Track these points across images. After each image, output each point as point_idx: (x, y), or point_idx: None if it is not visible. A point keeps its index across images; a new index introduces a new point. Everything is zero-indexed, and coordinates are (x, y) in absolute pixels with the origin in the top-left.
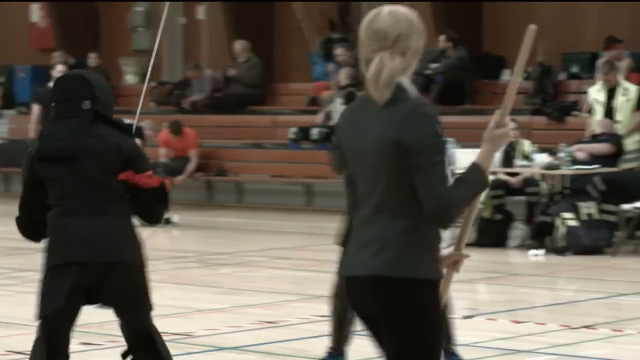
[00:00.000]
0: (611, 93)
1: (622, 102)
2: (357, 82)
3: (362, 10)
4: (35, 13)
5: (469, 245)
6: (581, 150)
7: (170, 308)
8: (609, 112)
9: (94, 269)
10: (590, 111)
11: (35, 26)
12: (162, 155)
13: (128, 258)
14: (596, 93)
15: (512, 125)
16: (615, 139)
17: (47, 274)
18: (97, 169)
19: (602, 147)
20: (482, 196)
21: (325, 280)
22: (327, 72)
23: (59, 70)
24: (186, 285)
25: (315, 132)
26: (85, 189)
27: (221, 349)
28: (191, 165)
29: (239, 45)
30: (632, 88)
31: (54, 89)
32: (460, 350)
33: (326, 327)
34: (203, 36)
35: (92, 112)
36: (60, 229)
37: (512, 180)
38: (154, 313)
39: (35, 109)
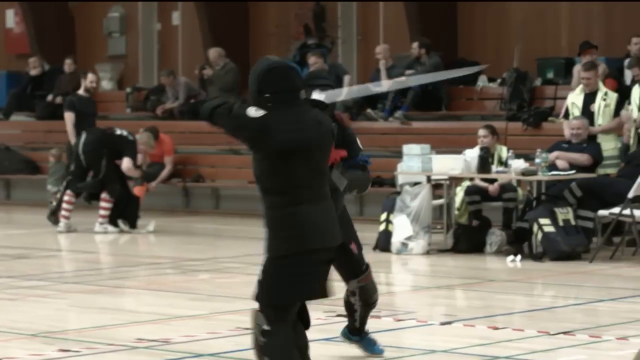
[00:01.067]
0: (590, 98)
1: (602, 107)
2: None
3: (337, 16)
4: (10, 19)
5: (446, 251)
6: (560, 158)
7: (147, 314)
8: (588, 117)
9: (330, 253)
10: (567, 116)
11: (10, 32)
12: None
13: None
14: (575, 97)
15: (483, 132)
16: (595, 150)
17: (288, 260)
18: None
19: (582, 159)
20: (459, 202)
21: None
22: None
23: (90, 80)
24: (163, 292)
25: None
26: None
27: (199, 355)
28: (165, 172)
29: (214, 52)
30: (611, 94)
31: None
32: (438, 357)
33: None
34: (178, 42)
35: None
36: (295, 216)
37: (491, 188)
38: (131, 319)
39: (70, 117)
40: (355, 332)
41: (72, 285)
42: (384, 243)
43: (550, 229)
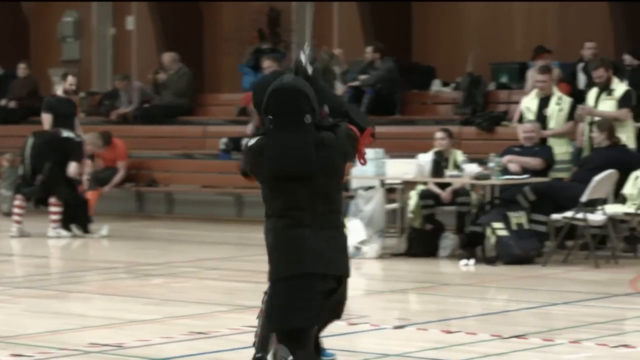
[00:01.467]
0: (544, 102)
1: (555, 111)
2: None
3: (292, 20)
4: None
5: (400, 255)
6: (512, 162)
7: (100, 319)
8: (541, 121)
9: (326, 281)
10: (520, 120)
11: None
12: (90, 165)
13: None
14: (529, 101)
15: (440, 134)
16: (547, 154)
17: (287, 284)
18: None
19: (534, 162)
20: (412, 206)
21: (256, 291)
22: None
23: (70, 82)
24: (116, 296)
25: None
26: (315, 202)
27: None
28: (118, 176)
29: (168, 57)
30: (565, 98)
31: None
32: None
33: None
34: (132, 47)
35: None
36: (291, 239)
37: (443, 194)
38: (83, 324)
39: (47, 118)
40: None
41: (24, 290)
42: None
43: (503, 232)
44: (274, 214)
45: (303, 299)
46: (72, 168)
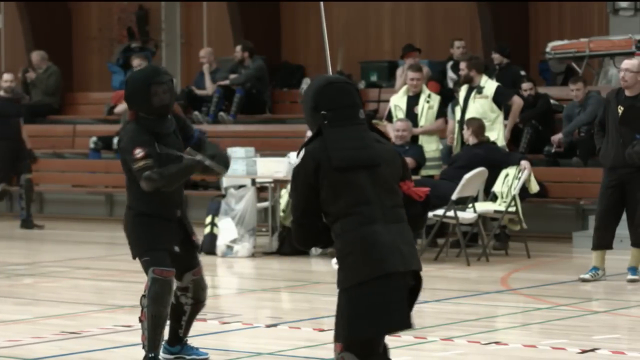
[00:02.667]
0: (414, 100)
1: (425, 109)
2: None
3: (161, 19)
4: None
5: (271, 254)
6: None
7: None
8: (411, 119)
9: (406, 277)
10: (390, 118)
11: None
12: None
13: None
14: (398, 99)
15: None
16: (418, 153)
17: (364, 288)
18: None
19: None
20: (283, 204)
21: (127, 290)
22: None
23: (5, 79)
24: None
25: (116, 142)
26: (382, 196)
27: None
28: None
29: (37, 55)
30: (434, 96)
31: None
32: (265, 359)
33: (128, 337)
34: (1, 44)
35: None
36: (367, 239)
37: None
38: None
39: None
40: (176, 342)
41: None
42: (209, 246)
43: None
44: (341, 215)
45: (392, 300)
46: None
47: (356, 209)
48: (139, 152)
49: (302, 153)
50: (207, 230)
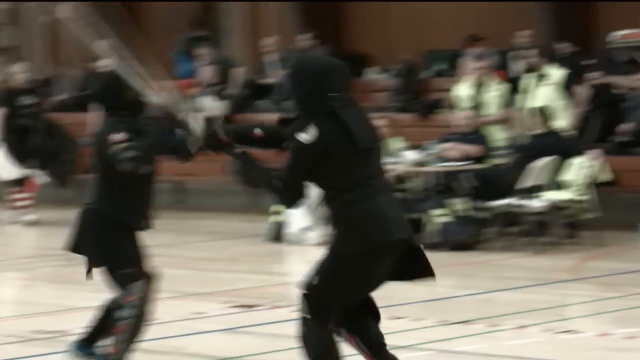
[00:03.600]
0: (480, 89)
1: (491, 98)
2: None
3: (225, 8)
4: None
5: None
6: (452, 149)
7: (43, 306)
8: (477, 108)
9: (404, 244)
10: (455, 108)
11: None
12: None
13: None
14: (463, 89)
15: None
16: (482, 141)
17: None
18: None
19: (472, 150)
20: None
21: (197, 278)
22: (191, 70)
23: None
24: (60, 284)
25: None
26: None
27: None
28: None
29: (102, 44)
30: (501, 85)
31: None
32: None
33: (200, 324)
34: (68, 35)
35: None
36: (377, 209)
37: None
38: (25, 311)
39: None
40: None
41: None
42: (279, 234)
43: (445, 219)
44: (351, 187)
45: (384, 266)
46: None
47: (368, 181)
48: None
49: (314, 132)
50: (277, 218)
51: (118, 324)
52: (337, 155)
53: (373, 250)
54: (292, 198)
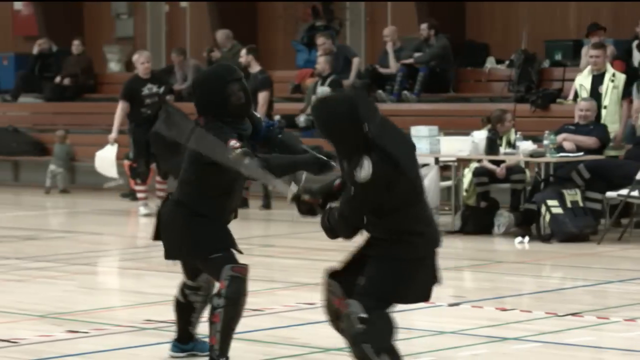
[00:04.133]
0: (598, 79)
1: (610, 89)
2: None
3: None
4: (18, 1)
5: (454, 233)
6: (568, 140)
7: (155, 296)
8: (596, 98)
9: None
10: (575, 98)
11: (18, 14)
12: None
13: None
14: (583, 79)
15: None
16: (601, 132)
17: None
18: None
19: (589, 142)
20: (467, 183)
21: (310, 268)
22: (311, 59)
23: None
24: (171, 273)
25: (302, 120)
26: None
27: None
28: None
29: (222, 34)
30: (619, 75)
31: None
32: (447, 338)
33: (311, 315)
34: (186, 24)
35: None
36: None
37: (498, 170)
38: (139, 301)
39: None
40: (188, 339)
41: (80, 267)
42: None
43: (558, 210)
44: (402, 205)
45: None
46: None
47: (414, 196)
48: (235, 143)
49: (369, 165)
50: None
51: (215, 313)
52: (389, 181)
53: (426, 257)
54: (351, 231)
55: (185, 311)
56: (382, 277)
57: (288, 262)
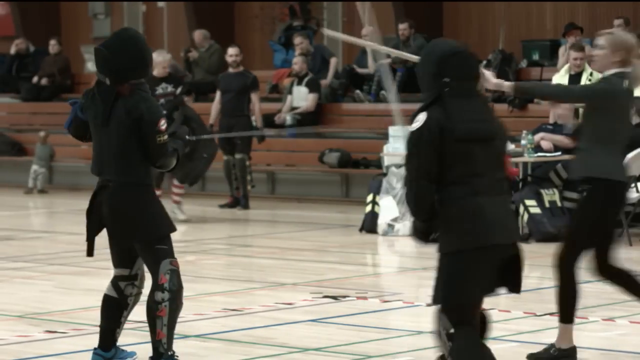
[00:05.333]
0: (575, 79)
1: None
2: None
3: None
4: None
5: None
6: (545, 140)
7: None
8: None
9: (507, 250)
10: None
11: None
12: None
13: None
14: (560, 78)
15: None
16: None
17: (465, 256)
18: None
19: (566, 141)
20: None
21: (287, 268)
22: (288, 59)
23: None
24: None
25: (288, 118)
26: (492, 168)
27: (185, 336)
28: None
29: (199, 34)
30: (596, 74)
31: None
32: (425, 338)
33: (289, 315)
34: (163, 24)
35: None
36: (474, 209)
37: None
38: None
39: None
40: (111, 345)
41: (58, 267)
42: (370, 224)
43: (536, 210)
44: (450, 183)
45: (485, 270)
46: None
47: (467, 179)
48: (164, 124)
49: (422, 117)
50: (369, 208)
51: (160, 307)
52: (444, 144)
53: (468, 251)
54: (424, 196)
55: (117, 309)
56: (446, 280)
57: (266, 262)
